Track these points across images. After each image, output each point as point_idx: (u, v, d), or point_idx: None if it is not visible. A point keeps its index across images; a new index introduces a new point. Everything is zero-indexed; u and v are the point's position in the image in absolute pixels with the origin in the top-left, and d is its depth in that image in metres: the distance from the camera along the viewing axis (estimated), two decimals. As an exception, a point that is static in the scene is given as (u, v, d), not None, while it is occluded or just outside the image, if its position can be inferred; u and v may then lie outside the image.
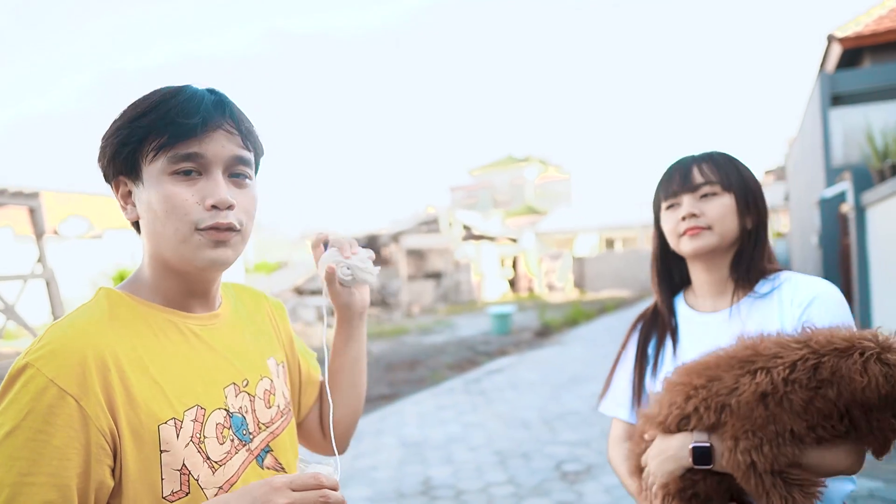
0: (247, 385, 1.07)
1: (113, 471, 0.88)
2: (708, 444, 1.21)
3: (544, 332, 13.89)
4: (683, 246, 1.45)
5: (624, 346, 1.65)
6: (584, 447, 5.64)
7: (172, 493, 0.91)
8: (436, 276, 25.12)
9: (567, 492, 4.61)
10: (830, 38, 10.69)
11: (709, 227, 1.41)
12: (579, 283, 29.48)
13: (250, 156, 1.02)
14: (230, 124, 0.98)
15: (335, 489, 0.89)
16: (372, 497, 4.68)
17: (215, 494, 0.95)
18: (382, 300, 21.90)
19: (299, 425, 1.30)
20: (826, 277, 1.39)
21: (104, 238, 21.57)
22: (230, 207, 0.96)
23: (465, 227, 27.82)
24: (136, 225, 1.03)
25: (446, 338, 13.64)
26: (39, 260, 4.61)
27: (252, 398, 1.07)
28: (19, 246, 17.84)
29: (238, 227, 0.98)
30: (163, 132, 0.93)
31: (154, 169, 0.95)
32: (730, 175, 1.43)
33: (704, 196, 1.43)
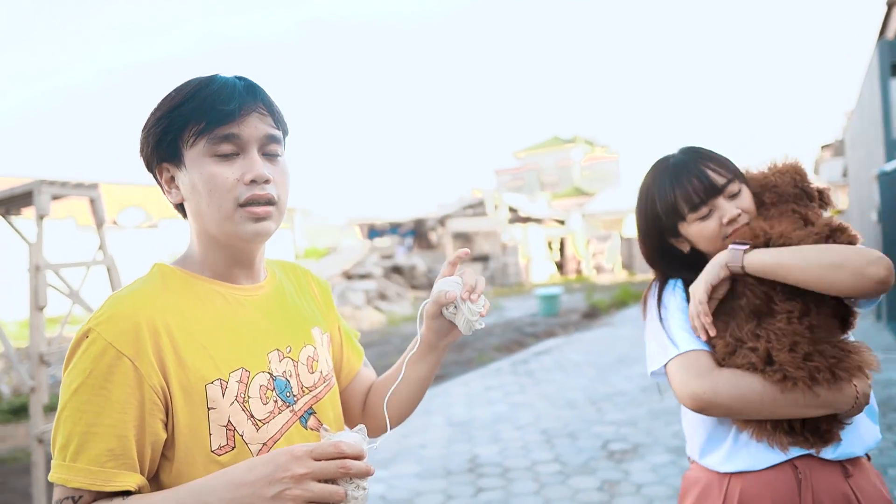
0: (290, 351, 1.13)
1: (165, 425, 0.98)
2: (748, 244, 1.34)
3: (592, 314, 13.81)
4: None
5: (658, 302, 1.53)
6: (630, 426, 5.64)
7: (220, 447, 0.99)
8: (483, 259, 25.15)
9: (613, 470, 4.63)
10: (890, 4, 10.25)
11: (748, 223, 1.41)
12: (628, 265, 29.09)
13: (280, 134, 1.09)
14: (262, 107, 1.06)
15: (359, 458, 0.90)
16: (420, 474, 4.79)
17: (259, 451, 1.02)
18: (430, 283, 22.05)
19: (343, 395, 1.35)
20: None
21: (159, 227, 22.27)
22: (267, 181, 1.04)
23: (512, 210, 27.74)
24: (180, 207, 1.11)
25: (493, 320, 13.70)
26: (100, 248, 4.82)
27: (295, 363, 1.13)
28: (81, 235, 18.58)
29: (275, 199, 1.06)
30: (201, 118, 1.01)
31: (195, 152, 1.03)
32: (729, 165, 1.45)
33: (732, 196, 1.42)
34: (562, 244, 29.13)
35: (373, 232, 28.73)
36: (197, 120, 1.02)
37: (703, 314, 1.36)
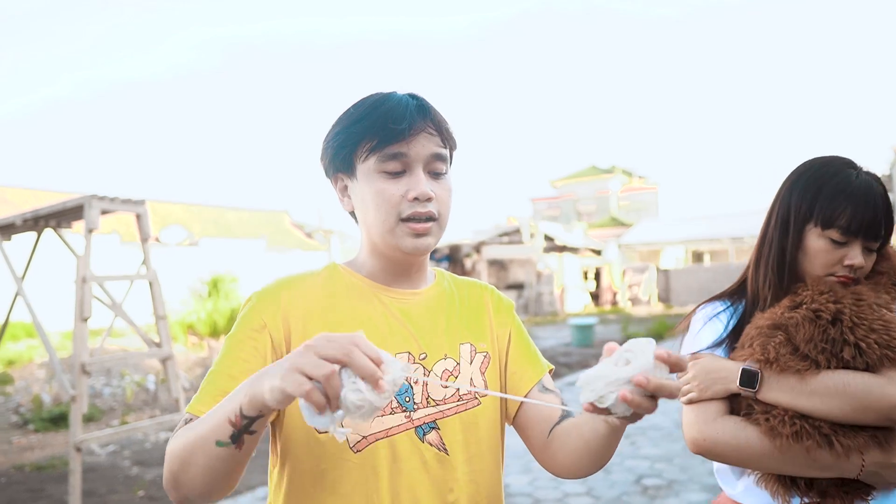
0: (424, 358, 1.13)
1: None
2: (758, 370, 1.27)
3: (627, 346, 13.59)
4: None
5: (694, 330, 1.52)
6: (665, 462, 5.52)
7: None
8: (518, 286, 25.05)
9: (647, 506, 4.52)
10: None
11: (857, 280, 1.37)
12: (664, 297, 28.67)
13: (447, 152, 1.14)
14: (431, 127, 1.11)
15: (376, 362, 0.80)
16: (449, 501, 4.73)
17: (357, 442, 1.05)
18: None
19: (517, 425, 1.23)
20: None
21: (200, 245, 22.71)
22: (429, 199, 1.10)
23: (548, 238, 27.64)
24: (352, 214, 1.19)
25: (526, 348, 13.55)
26: (144, 262, 4.93)
27: (427, 372, 1.13)
28: (125, 251, 19.05)
29: (436, 216, 1.12)
30: (374, 136, 1.08)
31: (366, 167, 1.10)
32: (889, 229, 1.37)
33: (869, 251, 1.36)
34: (597, 274, 28.88)
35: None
36: (370, 137, 1.08)
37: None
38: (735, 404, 1.33)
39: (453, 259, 28.21)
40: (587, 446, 1.06)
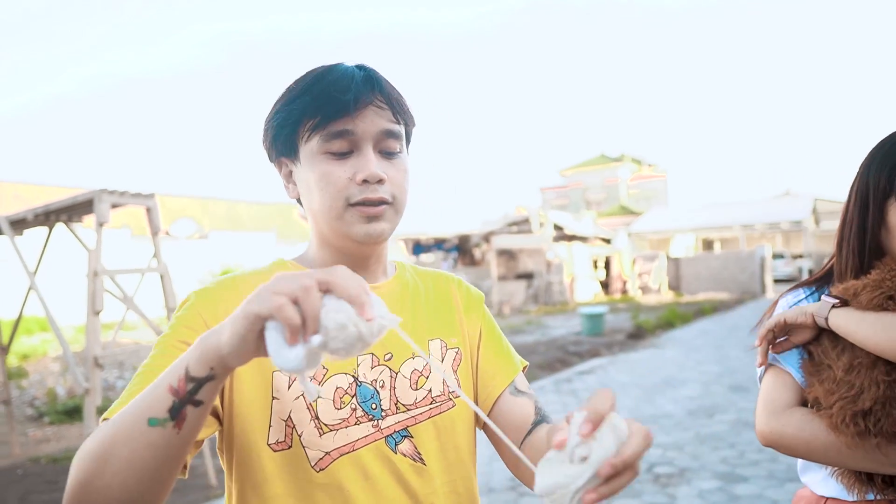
0: (389, 359, 1.02)
1: (227, 396, 0.93)
2: (840, 298, 1.26)
3: (637, 334, 13.58)
4: None
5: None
6: (676, 450, 5.51)
7: (277, 441, 0.93)
8: (527, 276, 25.03)
9: (659, 494, 4.53)
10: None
11: None
12: (675, 285, 28.58)
13: (400, 129, 1.02)
14: (380, 99, 0.99)
15: (355, 293, 0.66)
16: (461, 490, 4.76)
17: (320, 459, 0.93)
18: (473, 300, 22.00)
19: (486, 431, 1.08)
20: None
21: (210, 239, 22.81)
22: (381, 182, 0.98)
23: (557, 228, 27.58)
24: (300, 202, 1.07)
25: (537, 338, 13.58)
26: (155, 256, 4.96)
27: (394, 374, 1.02)
28: (136, 244, 19.15)
29: (390, 200, 0.99)
30: (316, 112, 0.96)
31: (309, 149, 0.98)
32: None
33: None
34: (607, 263, 28.79)
35: (418, 247, 28.87)
36: (311, 114, 0.97)
37: (765, 340, 1.33)
38: (806, 389, 1.30)
39: (462, 249, 28.20)
40: None
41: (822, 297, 1.29)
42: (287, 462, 0.93)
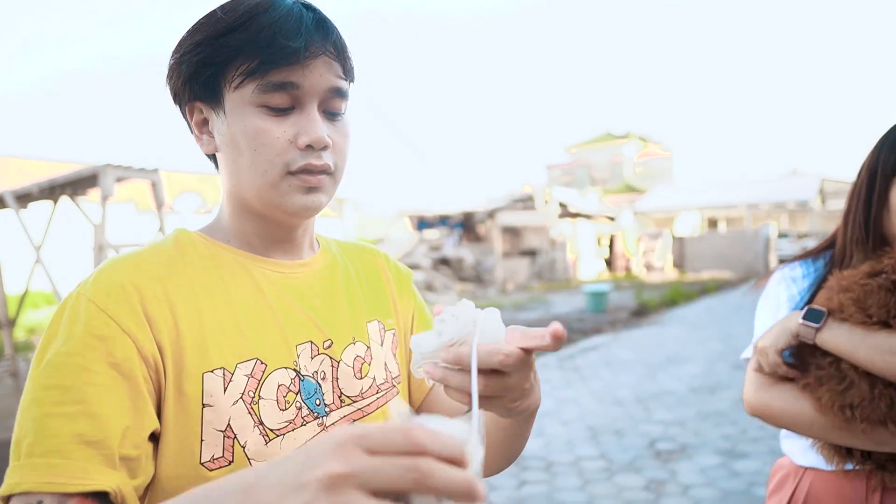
0: (329, 347, 0.90)
1: (159, 413, 0.76)
2: (825, 310, 1.25)
3: (641, 312, 13.61)
4: None
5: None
6: (678, 427, 5.55)
7: (212, 458, 0.76)
8: (531, 253, 25.03)
9: (660, 470, 4.56)
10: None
11: None
12: (679, 264, 28.54)
13: (347, 86, 0.87)
14: (331, 50, 0.83)
15: (456, 461, 0.45)
16: (464, 464, 4.80)
17: None
18: (477, 276, 22.06)
19: (421, 408, 1.04)
20: None
21: (214, 213, 22.83)
22: (325, 147, 0.84)
23: (562, 205, 27.50)
24: (213, 157, 0.91)
25: (540, 315, 13.61)
26: (160, 230, 4.97)
27: (335, 364, 0.90)
28: (140, 218, 19.21)
29: (332, 169, 0.86)
30: (254, 55, 0.79)
31: (238, 97, 0.81)
32: None
33: None
34: (611, 241, 28.75)
35: (422, 223, 28.85)
36: (248, 56, 0.79)
37: (775, 367, 1.32)
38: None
39: (467, 226, 28.18)
40: (490, 440, 0.86)
41: (801, 321, 1.27)
42: (218, 475, 0.76)
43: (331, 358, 0.89)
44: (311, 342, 0.88)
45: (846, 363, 1.22)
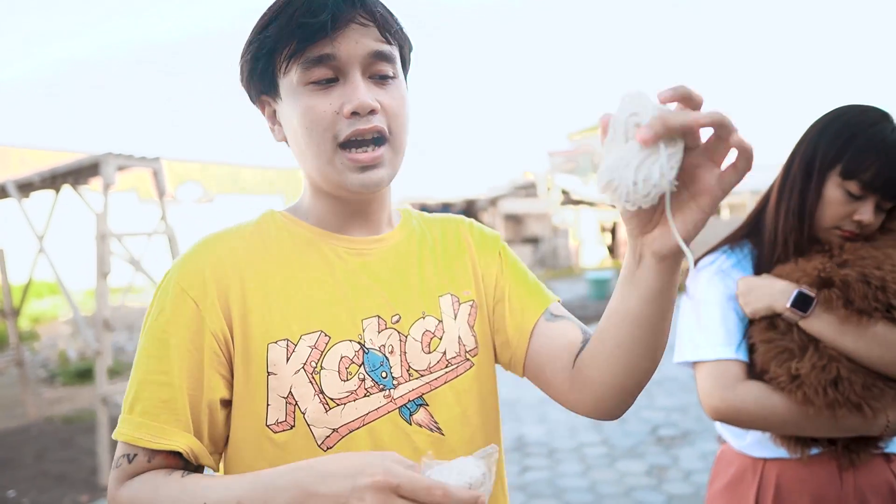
0: (397, 321, 0.92)
1: (229, 384, 0.86)
2: (814, 296, 1.24)
3: (643, 299, 13.59)
4: (829, 237, 1.32)
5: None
6: (680, 413, 5.57)
7: (277, 422, 0.84)
8: (533, 240, 25.00)
9: (662, 455, 4.58)
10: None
11: (865, 239, 1.31)
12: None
13: (392, 49, 0.88)
14: (363, 16, 0.85)
15: None
16: (467, 451, 4.82)
17: (327, 437, 0.84)
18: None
19: (530, 372, 1.00)
20: None
21: (216, 202, 22.85)
22: (373, 112, 0.85)
23: (564, 192, 27.44)
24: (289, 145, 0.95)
25: (542, 302, 13.60)
26: (162, 218, 4.97)
27: (403, 338, 0.92)
28: (142, 207, 19.21)
29: (386, 133, 0.87)
30: (291, 38, 0.83)
31: (289, 82, 0.86)
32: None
33: (880, 210, 1.30)
34: (614, 228, 28.70)
35: (424, 211, 28.85)
36: (286, 41, 0.84)
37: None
38: (752, 364, 1.30)
39: (469, 213, 28.15)
40: (633, 329, 0.83)
41: (789, 307, 1.25)
42: (289, 441, 0.84)
43: (399, 332, 0.92)
44: (379, 316, 0.91)
45: (827, 346, 1.23)
